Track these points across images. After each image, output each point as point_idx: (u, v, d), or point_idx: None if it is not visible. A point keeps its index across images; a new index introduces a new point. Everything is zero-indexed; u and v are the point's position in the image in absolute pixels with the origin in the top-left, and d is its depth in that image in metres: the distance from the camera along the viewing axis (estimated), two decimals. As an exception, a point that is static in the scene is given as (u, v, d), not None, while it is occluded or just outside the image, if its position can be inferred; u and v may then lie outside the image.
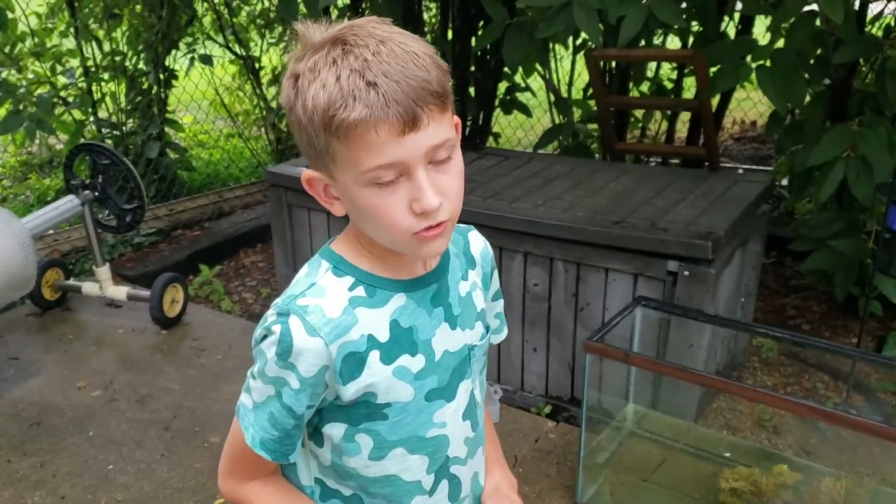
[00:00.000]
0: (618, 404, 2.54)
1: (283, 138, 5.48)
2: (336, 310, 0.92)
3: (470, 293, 1.05)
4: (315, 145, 0.86)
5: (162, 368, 3.08)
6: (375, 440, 0.97)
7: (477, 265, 1.09)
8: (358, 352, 0.92)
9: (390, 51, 0.82)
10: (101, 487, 2.41)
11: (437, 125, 0.84)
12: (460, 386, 1.02)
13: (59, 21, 4.69)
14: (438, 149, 0.85)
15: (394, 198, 0.85)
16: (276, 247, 3.50)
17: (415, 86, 0.82)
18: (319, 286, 0.94)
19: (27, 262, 2.88)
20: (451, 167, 0.88)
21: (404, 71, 0.82)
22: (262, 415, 0.95)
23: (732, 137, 6.48)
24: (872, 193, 2.72)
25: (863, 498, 2.14)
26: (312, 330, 0.90)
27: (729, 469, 2.19)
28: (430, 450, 1.01)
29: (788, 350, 3.12)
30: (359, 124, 0.81)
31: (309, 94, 0.83)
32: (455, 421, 1.02)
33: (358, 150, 0.83)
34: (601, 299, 2.57)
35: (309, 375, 0.91)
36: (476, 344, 1.04)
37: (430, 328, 0.98)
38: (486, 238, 1.14)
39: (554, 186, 2.94)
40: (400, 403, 0.96)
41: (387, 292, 0.95)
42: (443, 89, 0.85)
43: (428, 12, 4.86)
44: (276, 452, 0.96)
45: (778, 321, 3.42)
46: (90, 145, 3.44)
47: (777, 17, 2.93)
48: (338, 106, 0.81)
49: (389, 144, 0.82)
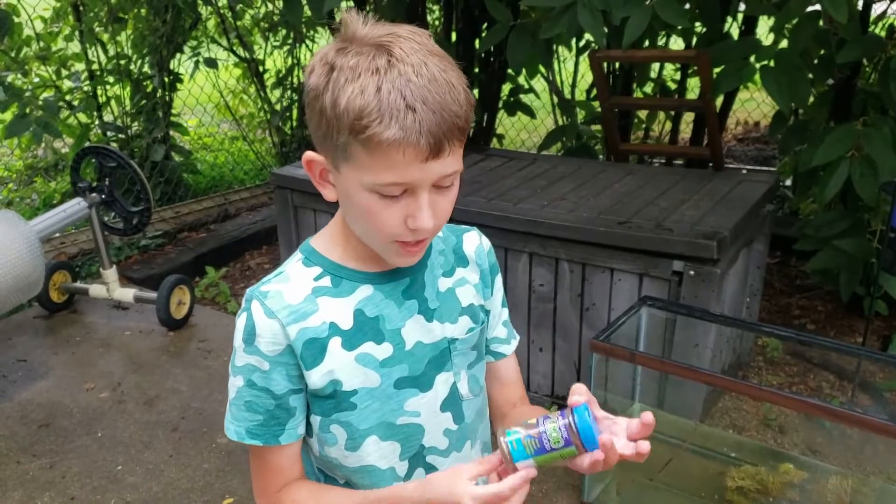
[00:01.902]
0: (624, 404, 2.54)
1: (286, 141, 5.50)
2: (296, 296, 0.97)
3: (453, 289, 1.07)
4: (332, 137, 0.87)
5: (169, 370, 3.09)
6: (348, 431, 1.00)
7: (470, 262, 1.10)
8: (319, 338, 0.96)
9: (432, 76, 0.84)
10: (110, 488, 2.42)
11: (454, 156, 0.88)
12: (437, 377, 1.04)
13: (64, 25, 4.71)
14: (449, 177, 0.89)
15: (392, 209, 0.89)
16: (282, 248, 3.51)
17: (448, 119, 0.84)
18: (285, 274, 0.99)
19: (35, 265, 2.89)
20: (450, 192, 0.92)
21: (441, 102, 0.84)
22: (239, 406, 0.98)
23: (736, 138, 6.48)
24: (877, 193, 2.72)
25: (869, 496, 2.14)
26: (270, 312, 0.95)
27: (735, 468, 2.19)
28: (402, 437, 1.02)
29: (794, 349, 3.13)
30: (391, 143, 0.83)
31: (344, 92, 0.84)
32: (431, 411, 1.03)
33: (378, 162, 0.85)
34: (607, 299, 2.58)
35: (274, 354, 0.95)
36: (459, 337, 1.05)
37: (399, 318, 1.00)
38: (491, 238, 1.15)
39: (558, 187, 2.95)
40: (366, 389, 0.99)
41: (353, 283, 0.99)
42: (467, 124, 0.89)
43: (431, 14, 4.88)
44: (266, 436, 0.99)
45: (783, 320, 3.42)
46: (97, 148, 3.46)
47: (780, 18, 2.94)
48: (373, 118, 0.82)
49: (410, 167, 0.85)
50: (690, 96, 4.19)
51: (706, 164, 3.52)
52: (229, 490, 2.41)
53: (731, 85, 3.08)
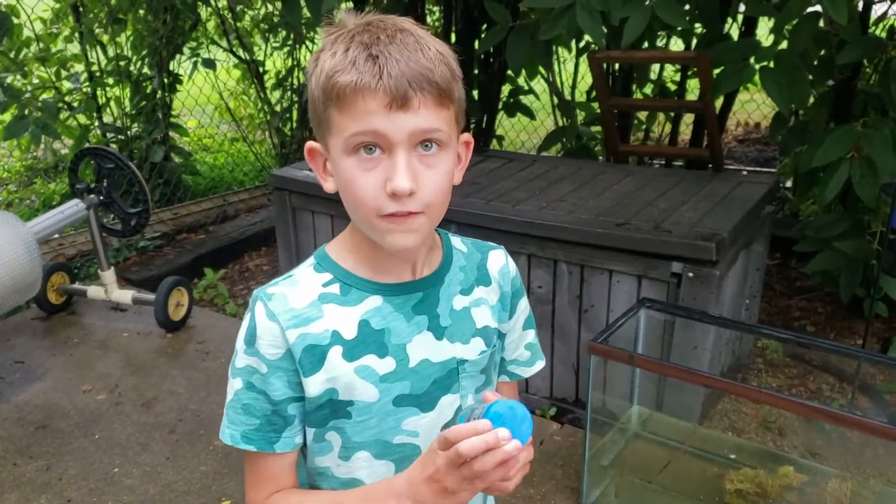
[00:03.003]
0: (622, 406, 2.53)
1: (286, 142, 5.50)
2: (301, 301, 0.95)
3: (469, 308, 1.03)
4: (317, 112, 0.89)
5: (167, 372, 3.08)
6: (343, 438, 0.98)
7: (493, 282, 1.07)
8: (319, 345, 0.94)
9: (404, 39, 0.86)
10: (107, 490, 2.41)
11: (428, 112, 0.85)
12: (443, 399, 1.00)
13: (63, 26, 4.71)
14: (426, 134, 0.86)
15: (372, 174, 0.86)
16: (281, 250, 3.51)
17: (414, 68, 0.84)
18: (294, 278, 0.98)
19: (32, 266, 2.89)
20: (436, 162, 0.88)
21: (410, 56, 0.84)
22: (237, 409, 0.96)
23: (736, 139, 6.48)
24: (877, 194, 2.72)
25: (868, 499, 2.13)
26: (272, 315, 0.93)
27: (734, 471, 2.18)
28: (397, 457, 0.99)
29: (793, 351, 3.12)
30: (348, 88, 0.83)
31: (322, 63, 0.87)
32: (431, 433, 0.98)
33: (346, 116, 0.85)
34: (605, 301, 2.57)
35: (274, 358, 0.93)
36: (469, 359, 1.02)
37: (406, 333, 0.97)
38: (490, 240, 1.13)
39: (558, 188, 2.94)
40: (363, 403, 0.96)
41: (362, 292, 0.96)
42: (445, 84, 0.86)
43: (431, 16, 4.87)
44: (261, 442, 0.96)
45: (783, 322, 3.41)
46: (95, 149, 3.45)
47: (780, 19, 2.93)
48: (337, 70, 0.85)
49: (375, 115, 0.84)
50: (690, 97, 4.18)
51: (706, 165, 3.51)
52: (226, 492, 2.40)
53: (731, 86, 3.07)
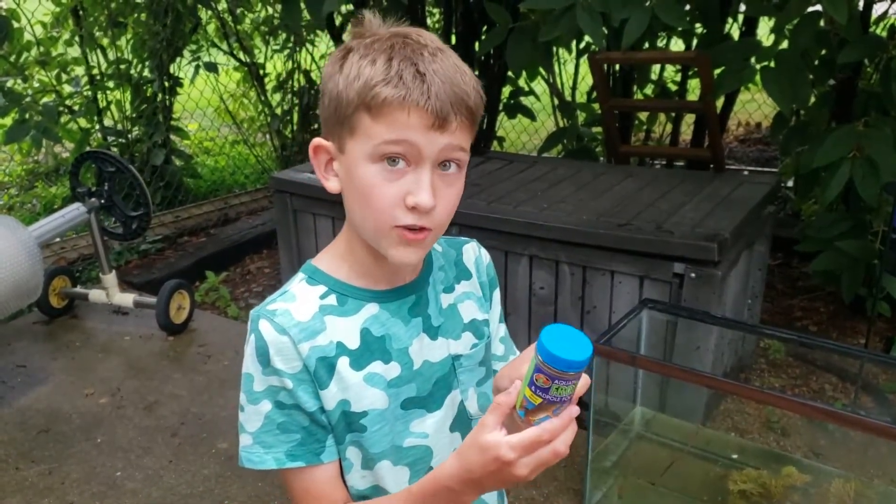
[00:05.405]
0: (625, 407, 2.53)
1: (287, 144, 5.50)
2: (305, 314, 0.93)
3: (455, 305, 1.04)
4: (340, 112, 0.88)
5: (169, 375, 3.08)
6: (363, 452, 0.96)
7: (472, 276, 1.08)
8: (328, 357, 0.93)
9: (445, 59, 0.87)
10: (110, 494, 2.41)
11: (460, 135, 0.87)
12: (447, 398, 1.00)
13: (64, 30, 4.72)
14: (453, 151, 0.87)
15: (394, 185, 0.86)
16: (282, 252, 3.51)
17: (457, 92, 0.85)
18: (290, 293, 0.96)
19: (34, 271, 2.89)
20: (454, 182, 0.90)
21: (451, 77, 0.86)
22: (272, 432, 0.93)
23: (737, 139, 6.48)
24: (879, 193, 2.71)
25: (872, 500, 2.13)
26: (281, 329, 0.91)
27: (737, 471, 2.18)
28: (410, 460, 0.99)
29: (796, 351, 3.11)
30: (395, 101, 0.83)
31: (357, 65, 0.86)
32: (439, 432, 1.00)
33: (382, 124, 0.85)
34: (607, 302, 2.57)
35: (294, 372, 0.91)
36: (463, 354, 1.02)
37: (406, 337, 0.97)
38: (491, 241, 1.13)
39: (559, 189, 2.94)
40: (376, 411, 0.95)
41: (358, 301, 0.96)
42: (476, 110, 0.89)
43: (431, 17, 4.88)
44: (307, 455, 0.93)
45: (785, 322, 3.41)
46: (96, 153, 3.45)
47: (781, 19, 2.93)
48: (381, 80, 0.84)
49: (414, 130, 0.84)
50: (691, 98, 4.18)
51: (707, 165, 3.51)
52: (229, 496, 2.40)
53: (732, 86, 3.07)
